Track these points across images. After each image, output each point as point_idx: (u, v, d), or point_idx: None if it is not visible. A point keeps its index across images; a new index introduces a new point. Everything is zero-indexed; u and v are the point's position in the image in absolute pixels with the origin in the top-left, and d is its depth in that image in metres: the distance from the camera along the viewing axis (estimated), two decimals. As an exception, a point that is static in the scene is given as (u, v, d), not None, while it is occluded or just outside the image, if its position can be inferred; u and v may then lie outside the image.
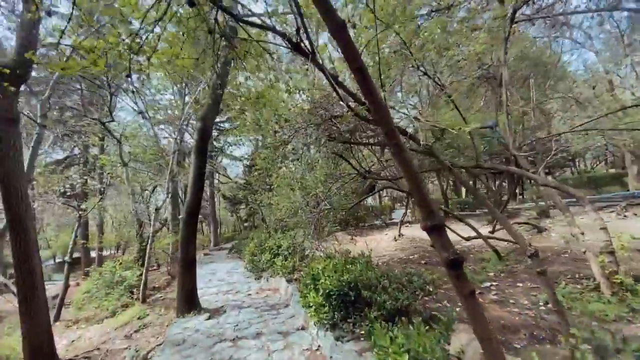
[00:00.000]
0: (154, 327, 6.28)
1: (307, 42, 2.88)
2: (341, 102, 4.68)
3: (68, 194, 12.45)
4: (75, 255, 20.79)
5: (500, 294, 5.35)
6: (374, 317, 3.76)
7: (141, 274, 9.06)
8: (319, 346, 4.22)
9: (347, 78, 5.82)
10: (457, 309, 4.43)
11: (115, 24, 3.27)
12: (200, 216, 27.28)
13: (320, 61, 3.19)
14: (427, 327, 3.37)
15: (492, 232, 8.51)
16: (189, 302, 6.00)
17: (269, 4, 3.61)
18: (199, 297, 6.49)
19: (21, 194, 4.29)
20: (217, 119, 21.31)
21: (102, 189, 13.70)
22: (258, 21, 3.31)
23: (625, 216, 9.43)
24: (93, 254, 19.75)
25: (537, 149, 9.42)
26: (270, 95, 4.92)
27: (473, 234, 6.33)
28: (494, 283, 5.91)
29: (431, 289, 3.97)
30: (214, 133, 21.12)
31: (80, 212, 11.97)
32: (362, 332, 3.88)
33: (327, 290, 4.19)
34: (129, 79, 3.45)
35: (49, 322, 4.58)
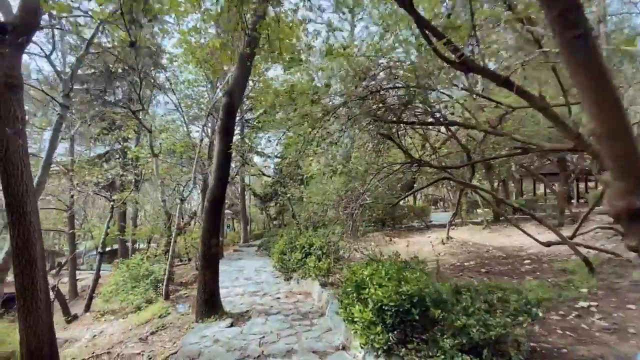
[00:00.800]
0: (173, 330, 5.60)
1: None
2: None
3: (102, 185, 12.50)
4: (116, 246, 21.56)
5: (609, 319, 3.99)
6: (449, 347, 2.68)
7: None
8: (368, 377, 3.21)
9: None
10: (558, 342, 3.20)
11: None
12: (230, 211, 27.41)
13: None
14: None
15: (572, 237, 6.95)
16: (210, 305, 5.23)
17: None
18: (222, 299, 5.72)
19: (21, 172, 3.72)
20: (249, 116, 20.91)
21: (134, 181, 13.66)
22: None
23: None
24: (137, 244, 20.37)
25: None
26: (305, 59, 3.97)
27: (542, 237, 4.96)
28: (592, 303, 4.52)
29: (539, 313, 2.79)
30: (245, 130, 20.70)
31: (112, 203, 11.93)
32: (431, 365, 2.80)
33: (380, 304, 3.16)
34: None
35: (50, 320, 3.98)
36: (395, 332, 3.24)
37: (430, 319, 2.83)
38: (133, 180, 13.76)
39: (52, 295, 9.75)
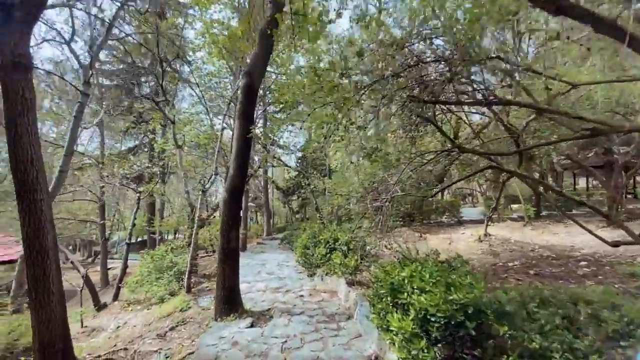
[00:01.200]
0: (193, 325, 5.35)
1: None
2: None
3: (128, 177, 12.69)
4: (146, 237, 22.32)
5: None
6: (519, 375, 2.10)
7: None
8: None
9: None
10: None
11: None
12: (254, 204, 27.50)
13: None
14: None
15: (641, 236, 5.97)
16: (230, 302, 4.90)
17: None
18: (242, 295, 5.39)
19: (31, 158, 3.50)
20: (272, 108, 20.55)
21: (159, 173, 13.79)
22: None
23: None
24: (163, 236, 20.95)
25: None
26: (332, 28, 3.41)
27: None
28: (680, 317, 3.71)
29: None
30: (268, 123, 20.36)
31: (138, 194, 12.06)
32: (491, 394, 2.24)
33: (424, 313, 2.62)
34: None
35: (64, 314, 3.79)
36: (440, 345, 2.71)
37: (494, 337, 2.26)
38: (159, 173, 13.89)
39: (81, 283, 9.97)
